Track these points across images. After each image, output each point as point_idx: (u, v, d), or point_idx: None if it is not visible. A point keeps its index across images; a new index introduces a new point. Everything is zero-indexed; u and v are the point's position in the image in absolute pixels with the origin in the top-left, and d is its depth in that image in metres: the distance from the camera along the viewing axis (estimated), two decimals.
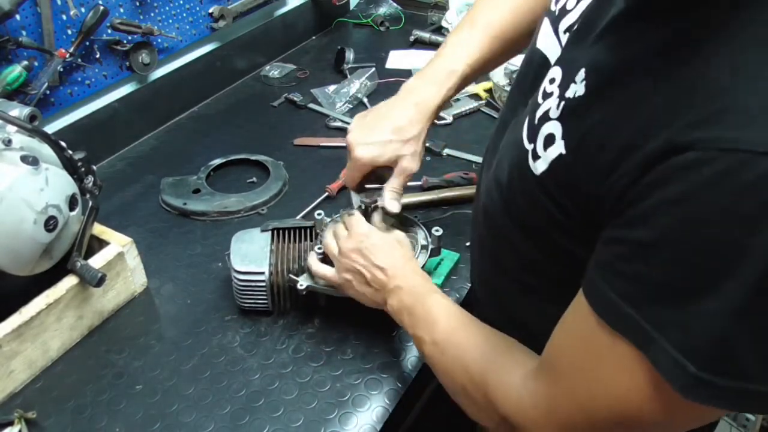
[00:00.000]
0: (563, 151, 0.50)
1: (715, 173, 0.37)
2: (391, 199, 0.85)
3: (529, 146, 0.56)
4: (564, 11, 0.60)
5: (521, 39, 0.85)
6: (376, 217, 0.87)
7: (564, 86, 0.53)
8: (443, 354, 0.67)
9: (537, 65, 0.63)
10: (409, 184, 1.16)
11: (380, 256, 0.78)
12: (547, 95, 0.55)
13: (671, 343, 0.41)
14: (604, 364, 0.47)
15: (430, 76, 0.85)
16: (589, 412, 0.49)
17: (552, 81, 0.55)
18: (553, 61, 0.60)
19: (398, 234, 0.86)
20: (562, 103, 0.52)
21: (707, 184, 0.38)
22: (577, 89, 0.50)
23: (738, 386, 0.40)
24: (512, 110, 0.68)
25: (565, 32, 0.59)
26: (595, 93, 0.49)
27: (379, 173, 0.87)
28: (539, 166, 0.54)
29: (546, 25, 0.64)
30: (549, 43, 0.62)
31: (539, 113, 0.55)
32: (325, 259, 0.87)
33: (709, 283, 0.39)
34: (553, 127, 0.52)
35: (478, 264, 0.79)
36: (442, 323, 0.69)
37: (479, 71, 0.87)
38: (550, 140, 0.52)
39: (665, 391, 0.42)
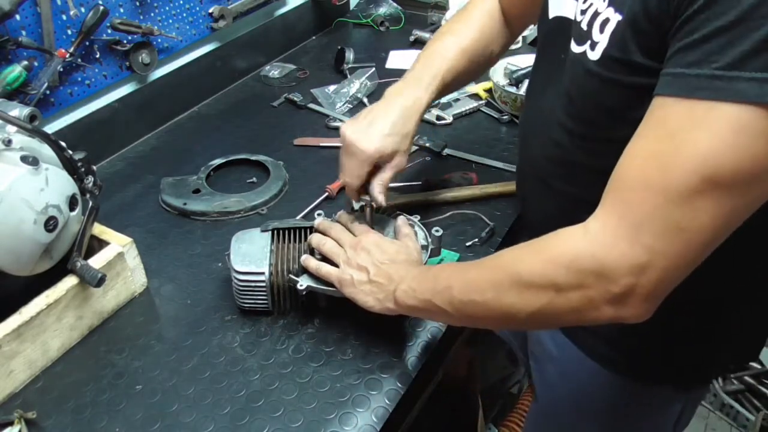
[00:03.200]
0: (620, 17, 0.57)
1: None
2: (379, 192, 0.88)
3: (581, 48, 0.63)
4: None
5: (477, 65, 0.96)
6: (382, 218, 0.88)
7: None
8: (484, 274, 0.66)
9: (559, 26, 0.71)
10: (409, 184, 1.17)
11: (385, 257, 0.80)
12: (584, 11, 0.63)
13: None
14: (687, 137, 0.50)
15: (414, 80, 0.91)
16: (669, 193, 0.51)
17: (585, 1, 0.63)
18: (569, 12, 0.68)
19: (410, 242, 0.86)
20: None
21: None
22: None
23: None
24: (548, 72, 0.76)
25: None
26: None
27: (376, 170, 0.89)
28: (598, 50, 0.60)
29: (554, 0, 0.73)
30: (563, 3, 0.71)
31: (585, 19, 0.62)
32: (322, 259, 0.87)
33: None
34: (606, 13, 0.59)
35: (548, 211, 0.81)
36: (464, 265, 0.71)
37: (455, 81, 0.94)
38: (605, 23, 0.59)
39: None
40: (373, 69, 1.55)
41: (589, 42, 0.62)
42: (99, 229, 0.97)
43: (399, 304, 0.76)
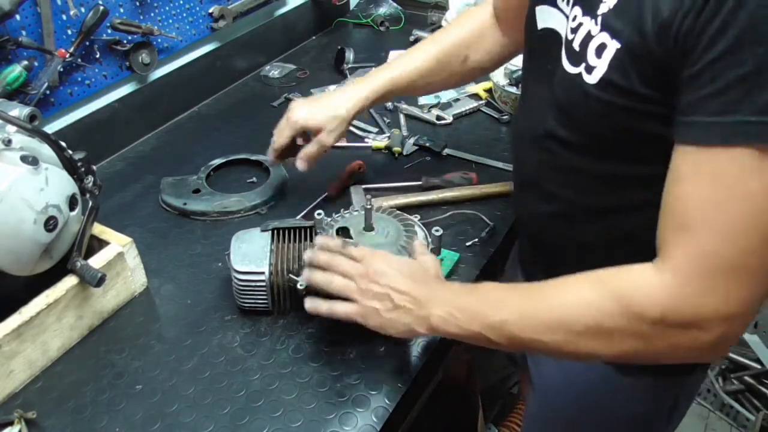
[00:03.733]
0: (619, 45, 0.58)
1: None
2: (300, 159, 1.03)
3: (575, 69, 0.63)
4: None
5: (449, 70, 1.02)
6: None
7: (592, 10, 0.61)
8: (549, 314, 0.63)
9: (549, 39, 0.71)
10: (410, 184, 1.17)
11: (405, 279, 0.73)
12: (574, 29, 0.64)
13: None
14: (739, 184, 0.52)
15: (370, 75, 1.03)
16: (737, 240, 0.53)
17: (575, 18, 0.64)
18: (558, 25, 0.69)
19: (426, 257, 0.80)
20: (599, 18, 0.60)
21: None
22: (608, 3, 0.59)
23: None
24: (535, 84, 0.77)
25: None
26: None
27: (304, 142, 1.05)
28: (596, 74, 0.61)
29: (543, 9, 0.73)
30: (552, 16, 0.71)
31: (578, 39, 0.63)
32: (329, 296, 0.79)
33: None
34: (601, 38, 0.60)
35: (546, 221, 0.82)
36: (520, 296, 0.67)
37: (418, 82, 1.02)
38: (601, 48, 0.60)
39: None
40: (373, 69, 1.55)
41: (584, 65, 0.62)
42: (99, 229, 0.97)
43: (436, 329, 0.70)
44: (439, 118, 1.38)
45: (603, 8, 0.60)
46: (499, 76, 1.43)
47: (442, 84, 1.06)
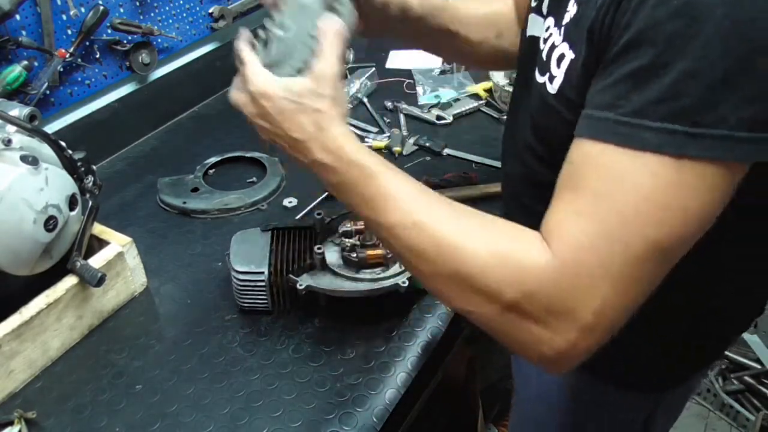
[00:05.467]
0: (573, 56, 0.57)
1: None
2: None
3: (542, 78, 0.62)
4: None
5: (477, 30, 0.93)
6: None
7: (559, 20, 0.60)
8: (438, 241, 0.59)
9: (531, 47, 0.70)
10: None
11: (291, 127, 0.66)
12: (545, 40, 0.63)
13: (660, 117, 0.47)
14: (625, 184, 0.50)
15: None
16: (618, 243, 0.51)
17: (548, 29, 0.63)
18: (541, 30, 0.67)
19: (324, 65, 0.67)
20: (562, 29, 0.59)
21: None
22: (571, 13, 0.58)
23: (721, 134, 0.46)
24: (520, 91, 0.75)
25: (546, 6, 0.68)
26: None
27: None
28: (555, 84, 0.60)
29: (532, 17, 0.72)
30: (536, 23, 0.70)
31: (546, 49, 0.62)
32: None
33: (679, 49, 0.46)
34: (562, 48, 0.59)
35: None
36: (421, 204, 0.62)
37: (446, 19, 0.89)
38: (561, 58, 0.59)
39: (675, 168, 0.48)
40: (373, 69, 1.55)
41: (548, 74, 0.62)
42: (99, 229, 0.97)
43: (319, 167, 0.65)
44: (439, 117, 1.38)
45: (566, 18, 0.59)
46: (499, 76, 1.43)
47: (465, 45, 0.93)
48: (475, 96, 1.45)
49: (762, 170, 0.50)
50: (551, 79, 0.61)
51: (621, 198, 0.50)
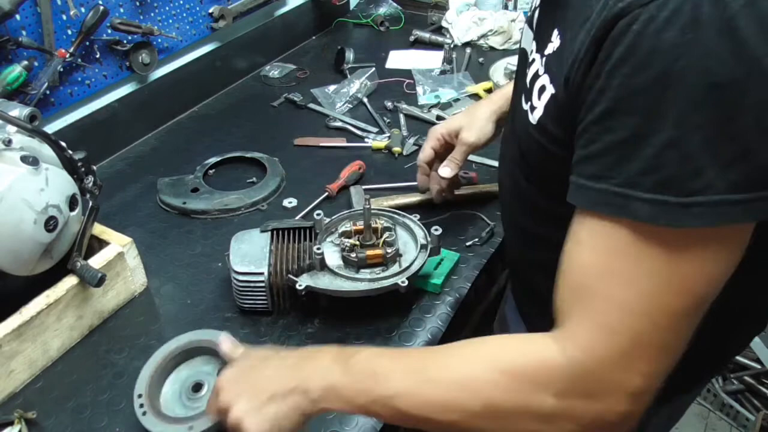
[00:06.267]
0: (553, 91, 0.58)
1: (637, 30, 0.46)
2: (443, 165, 1.00)
3: (526, 105, 0.64)
4: (534, 9, 0.70)
5: None
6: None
7: (542, 48, 0.61)
8: (445, 394, 0.57)
9: (523, 59, 0.72)
10: (410, 184, 1.17)
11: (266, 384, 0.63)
12: (530, 64, 0.64)
13: (644, 189, 0.47)
14: (629, 255, 0.50)
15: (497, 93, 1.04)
16: (641, 315, 0.50)
17: (532, 53, 0.65)
18: (530, 47, 0.68)
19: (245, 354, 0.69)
20: (544, 59, 0.61)
21: (637, 38, 0.46)
22: (554, 45, 0.59)
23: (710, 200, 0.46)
24: (515, 102, 0.76)
25: (534, 23, 0.69)
26: (566, 36, 0.56)
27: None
28: (536, 115, 0.61)
29: (525, 29, 0.74)
30: (527, 36, 0.71)
31: (530, 76, 0.63)
32: None
33: (657, 119, 0.46)
34: (543, 80, 0.60)
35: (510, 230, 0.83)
36: (409, 370, 0.59)
37: None
38: (542, 90, 0.60)
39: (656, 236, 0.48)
40: (373, 69, 1.55)
41: (530, 103, 0.63)
42: (99, 229, 0.97)
43: (322, 409, 0.62)
44: (439, 118, 1.38)
45: (549, 49, 0.60)
46: (498, 76, 1.43)
47: None
48: (475, 96, 1.45)
49: None
50: (532, 109, 0.62)
51: (635, 275, 0.50)
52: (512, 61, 1.50)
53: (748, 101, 0.44)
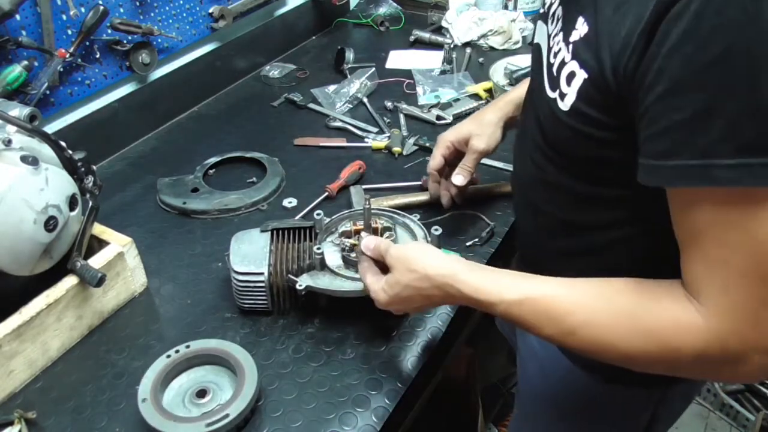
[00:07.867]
0: (586, 75, 0.59)
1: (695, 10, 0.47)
2: (455, 173, 1.01)
3: (553, 94, 0.64)
4: (550, 6, 0.72)
5: None
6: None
7: (567, 36, 0.62)
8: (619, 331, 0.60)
9: (537, 53, 0.74)
10: (410, 184, 1.17)
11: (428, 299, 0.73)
12: (553, 54, 0.65)
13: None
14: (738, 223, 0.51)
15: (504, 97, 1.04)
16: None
17: (558, 43, 0.65)
18: (544, 41, 0.70)
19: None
20: (570, 46, 0.61)
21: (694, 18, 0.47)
22: (580, 31, 0.60)
23: None
24: (531, 96, 0.79)
25: (552, 16, 0.70)
26: (595, 21, 0.57)
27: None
28: (567, 102, 0.62)
29: (540, 24, 0.75)
30: (541, 31, 0.73)
31: (556, 64, 0.64)
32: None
33: (726, 92, 0.48)
34: (572, 66, 0.61)
35: (528, 223, 0.84)
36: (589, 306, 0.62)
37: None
38: (571, 76, 0.61)
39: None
40: (373, 69, 1.55)
41: (558, 91, 0.63)
42: (99, 229, 0.97)
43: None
44: (439, 118, 1.38)
45: (575, 36, 0.61)
46: (499, 76, 1.43)
47: None
48: (475, 96, 1.45)
49: None
50: (562, 96, 0.62)
51: (747, 239, 0.51)
52: (512, 61, 1.50)
53: None
